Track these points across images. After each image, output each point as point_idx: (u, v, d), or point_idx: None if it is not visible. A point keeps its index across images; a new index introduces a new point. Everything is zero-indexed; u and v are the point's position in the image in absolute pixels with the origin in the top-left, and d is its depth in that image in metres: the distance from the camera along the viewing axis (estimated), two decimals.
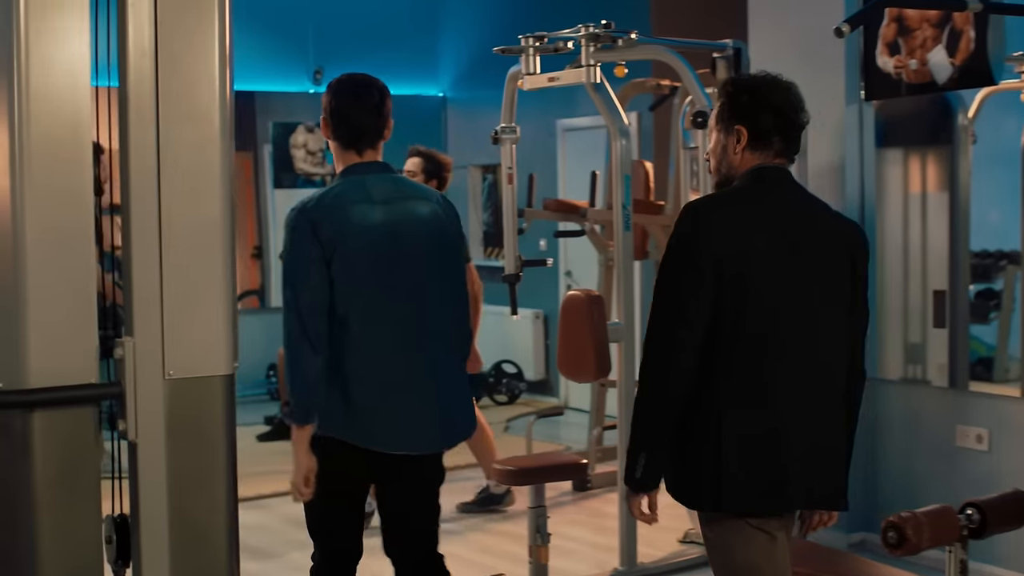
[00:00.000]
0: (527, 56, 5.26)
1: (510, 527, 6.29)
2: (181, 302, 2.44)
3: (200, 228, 2.46)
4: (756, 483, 3.02)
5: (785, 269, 3.05)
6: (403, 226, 3.58)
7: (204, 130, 2.47)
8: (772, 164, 3.13)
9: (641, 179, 7.52)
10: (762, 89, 3.14)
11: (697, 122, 4.89)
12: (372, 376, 3.52)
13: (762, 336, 3.01)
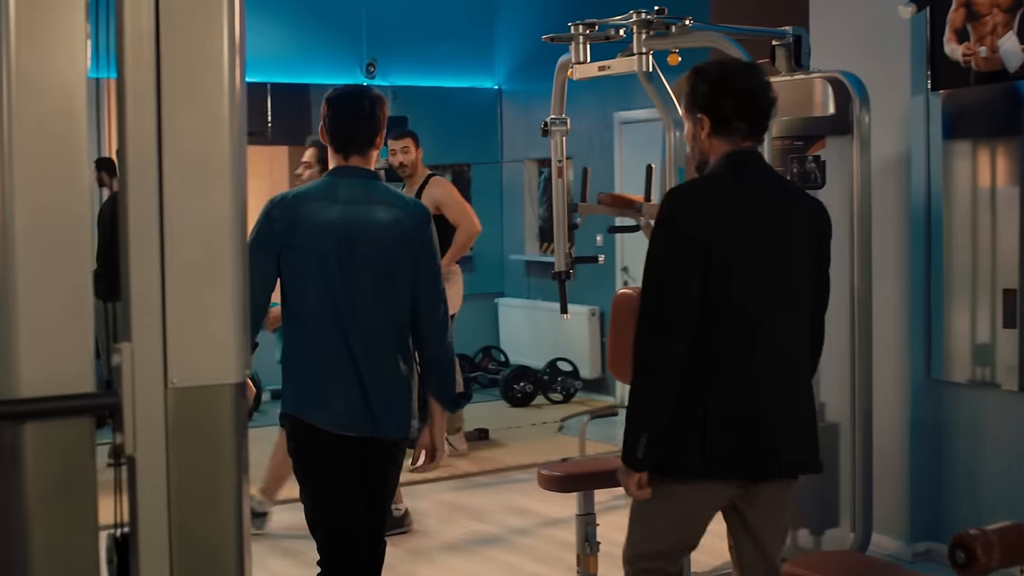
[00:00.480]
0: (577, 44, 5.05)
1: (563, 534, 6.08)
2: (185, 304, 2.26)
3: (207, 222, 2.27)
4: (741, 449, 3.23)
5: (761, 248, 3.25)
6: (358, 227, 3.80)
7: (211, 116, 2.28)
8: (741, 148, 3.29)
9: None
10: (721, 77, 3.30)
11: None
12: (316, 364, 3.83)
13: (745, 313, 3.21)
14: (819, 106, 5.07)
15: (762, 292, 3.25)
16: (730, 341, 3.21)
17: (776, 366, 3.27)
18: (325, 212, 3.80)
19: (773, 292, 3.27)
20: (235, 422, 2.33)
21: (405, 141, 7.45)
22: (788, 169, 5.16)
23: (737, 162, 3.29)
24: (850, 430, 5.04)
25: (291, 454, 3.97)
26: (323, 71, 10.31)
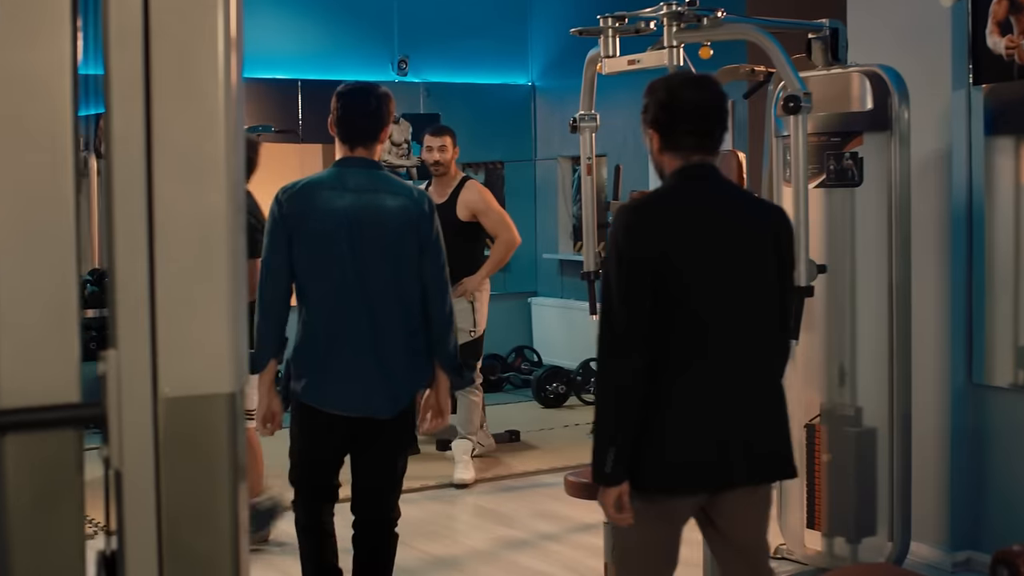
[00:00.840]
0: (606, 38, 4.90)
1: (594, 540, 5.93)
2: (177, 309, 2.13)
3: (200, 222, 2.14)
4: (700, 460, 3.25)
5: (715, 259, 3.28)
6: (366, 213, 4.09)
7: (204, 111, 2.15)
8: (692, 162, 3.31)
9: (733, 170, 7.10)
10: (667, 92, 3.33)
11: (789, 107, 4.50)
12: (325, 346, 4.10)
13: (700, 327, 3.24)
14: (856, 101, 4.94)
15: (718, 304, 3.28)
16: (686, 354, 3.25)
17: (735, 375, 3.29)
18: (335, 200, 4.09)
19: (729, 303, 3.30)
20: (230, 434, 2.20)
21: (443, 139, 7.30)
22: (824, 166, 5.01)
23: (688, 176, 3.33)
24: (888, 435, 4.91)
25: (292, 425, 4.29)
26: (354, 68, 10.21)
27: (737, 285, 3.31)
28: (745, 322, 3.31)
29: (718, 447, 3.25)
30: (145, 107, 2.11)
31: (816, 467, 5.00)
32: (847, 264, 4.97)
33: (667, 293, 3.21)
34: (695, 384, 3.25)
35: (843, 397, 5.00)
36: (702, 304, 3.26)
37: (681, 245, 3.26)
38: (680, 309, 3.23)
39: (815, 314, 4.97)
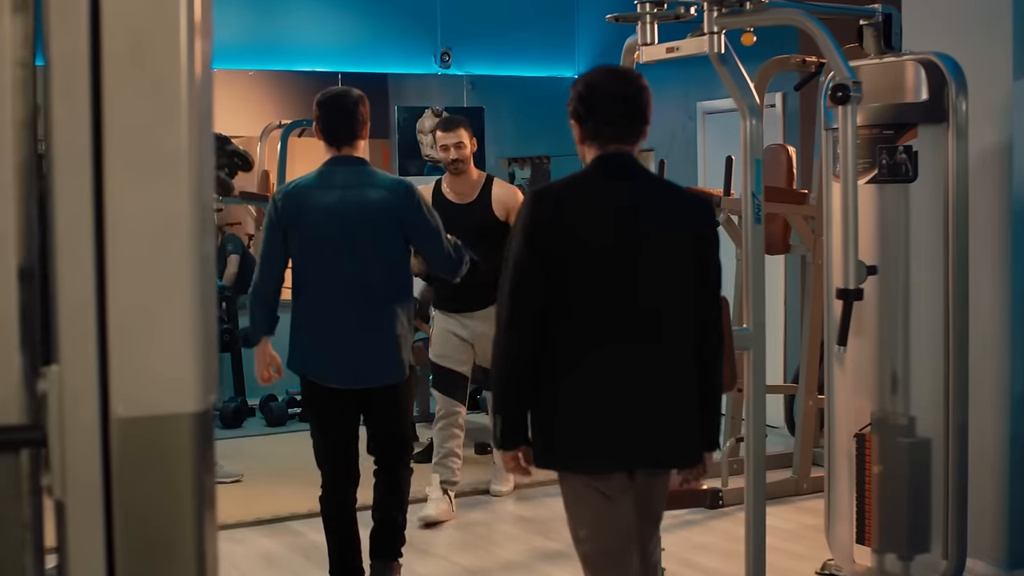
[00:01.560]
0: (644, 24, 4.65)
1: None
2: (132, 319, 1.90)
3: (159, 223, 1.91)
4: (587, 445, 3.38)
5: (620, 249, 3.37)
6: (353, 207, 4.60)
7: (164, 101, 1.93)
8: (608, 152, 3.42)
9: (783, 165, 6.85)
10: (586, 85, 3.45)
11: (837, 97, 4.23)
12: (317, 329, 4.66)
13: (598, 314, 3.34)
14: (911, 92, 4.68)
15: (619, 294, 3.37)
16: (585, 339, 3.35)
17: (633, 363, 3.38)
18: (325, 197, 4.60)
19: (632, 294, 3.38)
20: (195, 459, 1.97)
21: (457, 134, 6.40)
22: (876, 160, 4.74)
23: (602, 165, 3.44)
24: (943, 446, 4.69)
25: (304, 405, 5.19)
26: (396, 60, 10.01)
27: (643, 274, 3.40)
28: (648, 312, 3.40)
29: (608, 433, 3.39)
30: (93, 95, 1.89)
31: (866, 479, 4.78)
32: (900, 265, 4.72)
33: (567, 277, 3.33)
34: (591, 369, 3.37)
35: (895, 406, 4.78)
36: (602, 290, 3.36)
37: (584, 231, 3.37)
38: (579, 294, 3.34)
39: (865, 318, 4.74)
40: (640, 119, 3.46)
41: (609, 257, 3.37)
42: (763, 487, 4.64)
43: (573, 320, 3.35)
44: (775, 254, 7.01)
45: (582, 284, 3.35)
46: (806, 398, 6.71)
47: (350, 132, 4.67)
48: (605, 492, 3.42)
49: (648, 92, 3.51)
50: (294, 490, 6.68)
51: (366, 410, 4.81)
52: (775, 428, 8.05)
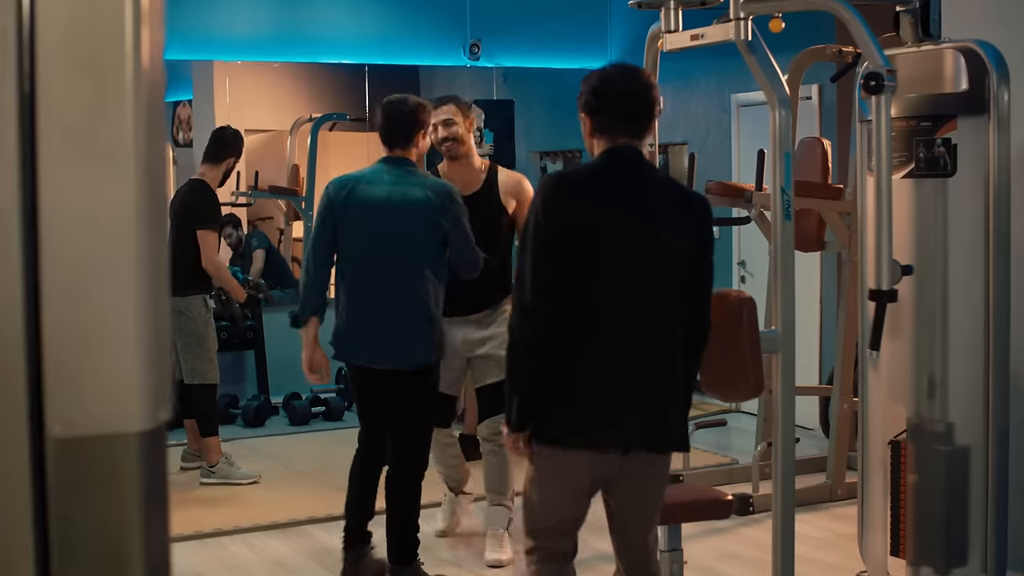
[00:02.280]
0: (667, 10, 4.46)
1: None
2: (69, 327, 1.72)
3: (100, 220, 1.73)
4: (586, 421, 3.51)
5: (627, 237, 3.53)
6: (396, 202, 4.98)
7: (107, 87, 1.74)
8: (618, 144, 3.58)
9: (818, 159, 6.62)
10: (599, 81, 3.62)
11: (870, 86, 4.01)
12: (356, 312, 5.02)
13: (607, 298, 3.50)
14: (950, 81, 4.47)
15: (626, 280, 3.53)
16: (593, 323, 3.50)
17: (636, 349, 3.52)
18: (374, 191, 5.01)
19: (637, 281, 3.53)
20: (143, 481, 1.78)
21: (447, 110, 5.65)
22: (913, 154, 4.52)
23: (612, 156, 3.59)
24: (983, 455, 4.49)
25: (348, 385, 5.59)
26: (424, 52, 9.83)
27: (647, 264, 3.55)
28: (651, 300, 3.54)
29: (614, 411, 3.52)
30: (25, 76, 1.71)
31: (902, 488, 4.58)
32: (938, 264, 4.50)
33: (578, 263, 3.48)
34: (598, 352, 3.50)
35: (932, 412, 4.57)
36: (610, 277, 3.51)
37: (595, 218, 3.51)
38: (589, 280, 3.49)
39: (901, 320, 4.52)
40: (648, 115, 3.64)
41: (620, 244, 3.52)
42: (792, 497, 4.43)
43: (584, 304, 3.49)
44: (809, 251, 6.79)
45: (592, 270, 3.49)
46: (841, 401, 6.50)
47: (401, 136, 5.09)
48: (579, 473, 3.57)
49: (657, 89, 3.69)
50: (313, 493, 6.52)
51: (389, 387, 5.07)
52: (810, 430, 7.83)
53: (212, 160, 7.10)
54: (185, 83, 10.26)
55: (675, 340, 3.59)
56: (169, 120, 10.29)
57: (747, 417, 8.33)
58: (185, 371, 7.04)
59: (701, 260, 3.64)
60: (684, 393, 3.68)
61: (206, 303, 7.01)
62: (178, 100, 10.41)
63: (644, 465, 3.61)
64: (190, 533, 5.98)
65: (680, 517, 4.11)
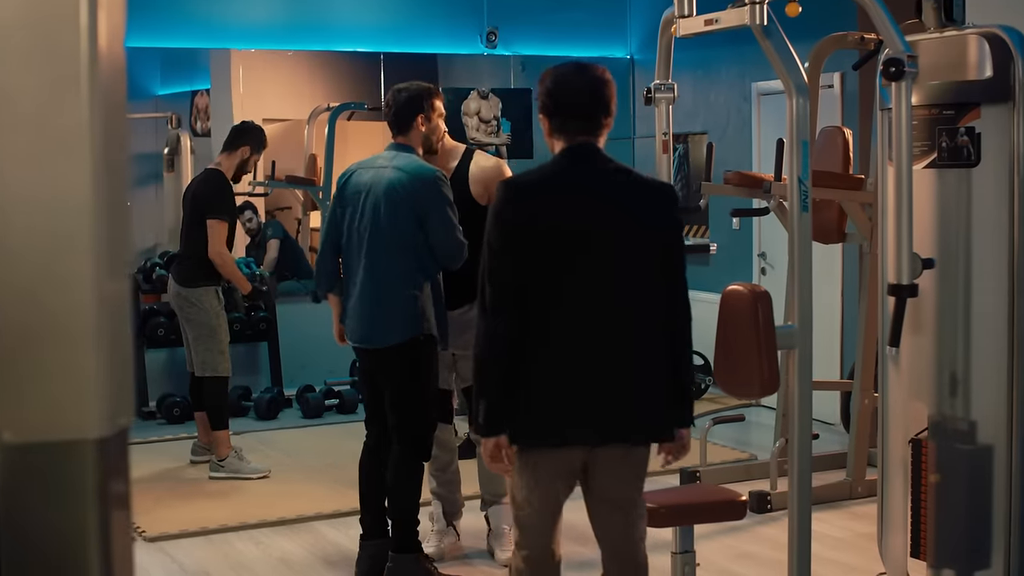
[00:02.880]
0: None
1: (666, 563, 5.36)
2: (18, 329, 1.62)
3: (51, 213, 1.63)
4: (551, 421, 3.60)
5: (586, 235, 3.59)
6: (377, 187, 5.08)
7: (63, 71, 1.63)
8: (576, 143, 3.65)
9: (839, 148, 6.48)
10: (553, 81, 3.69)
11: (890, 72, 3.88)
12: (349, 295, 5.18)
13: (565, 296, 3.57)
14: (973, 68, 4.34)
15: (586, 278, 3.59)
16: (555, 322, 3.57)
17: (601, 344, 3.59)
18: (364, 175, 5.15)
19: (598, 278, 3.60)
20: (100, 489, 1.68)
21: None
22: (935, 143, 4.39)
23: (569, 156, 3.66)
24: (1006, 454, 4.35)
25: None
26: (441, 40, 9.72)
27: (609, 260, 3.60)
28: (614, 295, 3.60)
29: (578, 409, 3.59)
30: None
31: (922, 488, 4.46)
32: (960, 257, 4.37)
33: (536, 266, 3.55)
34: (561, 351, 3.57)
35: (954, 410, 4.45)
36: (570, 276, 3.57)
37: (555, 218, 3.58)
38: (549, 279, 3.56)
39: (922, 315, 4.39)
40: (604, 112, 3.68)
41: (579, 243, 3.58)
42: (808, 496, 4.30)
43: (546, 304, 3.57)
44: (830, 243, 6.66)
45: (551, 270, 3.56)
46: (861, 396, 6.36)
47: (400, 122, 5.21)
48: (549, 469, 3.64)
49: (612, 85, 3.72)
50: (323, 488, 6.42)
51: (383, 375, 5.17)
52: (831, 425, 7.69)
53: (228, 148, 7.03)
54: (203, 72, 10.18)
55: (646, 333, 3.63)
56: (187, 109, 10.21)
57: (767, 411, 8.19)
58: (196, 363, 6.96)
59: (670, 248, 3.69)
60: (665, 383, 3.67)
61: (218, 295, 6.93)
62: (196, 89, 10.33)
63: (612, 458, 3.67)
64: (196, 529, 5.90)
65: (692, 518, 4.00)
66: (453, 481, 5.65)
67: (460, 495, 5.70)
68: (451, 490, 5.64)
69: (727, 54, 8.87)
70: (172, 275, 7.02)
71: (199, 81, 10.23)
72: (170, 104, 10.17)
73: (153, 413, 8.47)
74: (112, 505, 1.68)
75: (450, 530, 5.66)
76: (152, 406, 8.51)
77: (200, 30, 9.13)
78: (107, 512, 1.67)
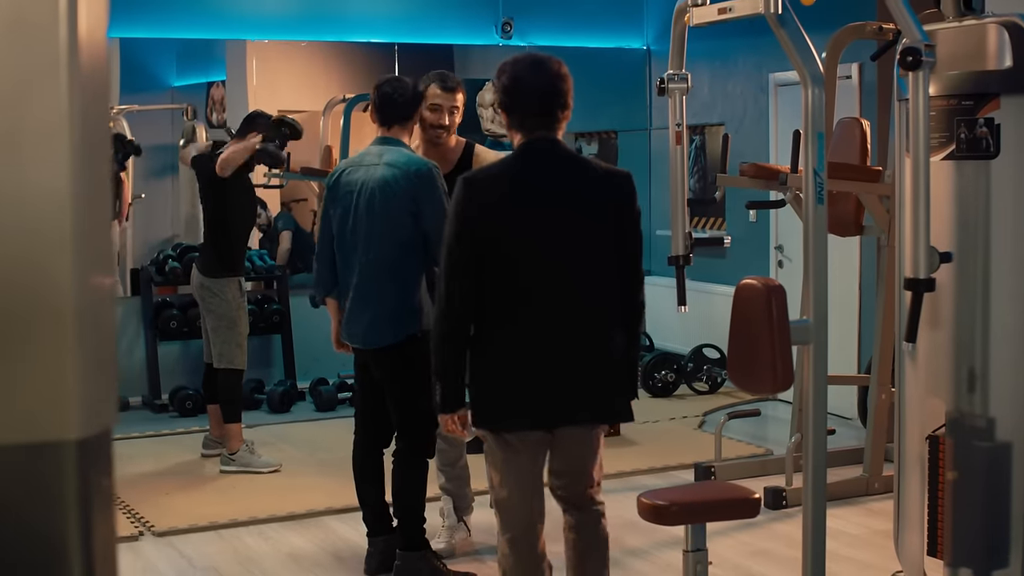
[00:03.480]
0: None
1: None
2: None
3: (31, 208, 1.57)
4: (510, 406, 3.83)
5: (540, 226, 3.77)
6: (369, 183, 5.00)
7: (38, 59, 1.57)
8: (535, 137, 3.81)
9: (857, 140, 6.41)
10: (510, 78, 3.82)
11: (907, 61, 3.80)
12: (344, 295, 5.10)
13: (521, 287, 3.77)
14: (992, 58, 4.23)
15: (540, 268, 3.77)
16: (509, 308, 3.78)
17: (555, 330, 3.78)
18: (355, 172, 5.06)
19: (554, 268, 3.78)
20: (83, 494, 1.62)
21: (456, 97, 5.35)
22: (954, 135, 4.30)
23: (527, 150, 3.82)
24: None
25: None
26: (455, 31, 9.65)
27: (565, 248, 3.79)
28: (569, 282, 3.78)
29: (533, 392, 3.80)
30: None
31: (939, 486, 4.37)
32: (978, 251, 4.28)
33: (494, 254, 3.74)
34: (515, 336, 3.78)
35: (972, 406, 4.34)
36: (525, 265, 3.77)
37: (510, 211, 3.77)
38: (504, 269, 3.75)
39: (939, 310, 4.31)
40: (561, 106, 3.82)
41: (533, 233, 3.76)
42: (823, 494, 4.23)
43: (499, 292, 3.76)
44: (847, 236, 6.59)
45: (508, 260, 3.76)
46: (879, 391, 6.28)
47: (387, 116, 5.09)
48: (518, 448, 3.85)
49: (568, 80, 3.86)
50: (334, 482, 6.36)
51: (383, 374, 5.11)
52: (848, 420, 7.61)
53: (241, 137, 6.98)
54: (219, 63, 10.15)
55: (602, 318, 3.82)
56: (203, 101, 10.18)
57: (783, 405, 8.12)
58: (213, 354, 6.92)
59: (624, 236, 3.85)
60: (609, 366, 3.85)
61: (240, 286, 6.89)
62: (212, 81, 10.29)
63: (570, 436, 3.89)
64: (205, 524, 5.86)
65: (704, 516, 3.93)
66: (462, 476, 5.59)
67: (470, 490, 5.64)
68: (460, 486, 5.58)
69: (744, 44, 8.78)
70: (195, 264, 6.99)
71: (215, 72, 10.19)
72: (186, 95, 10.15)
73: (165, 406, 8.44)
74: (94, 507, 1.63)
75: (460, 525, 5.59)
76: (164, 399, 8.48)
77: (216, 21, 9.08)
78: (89, 514, 1.62)
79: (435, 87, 5.27)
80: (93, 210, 1.61)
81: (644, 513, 4.00)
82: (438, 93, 5.27)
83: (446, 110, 5.28)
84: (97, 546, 1.64)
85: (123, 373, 8.53)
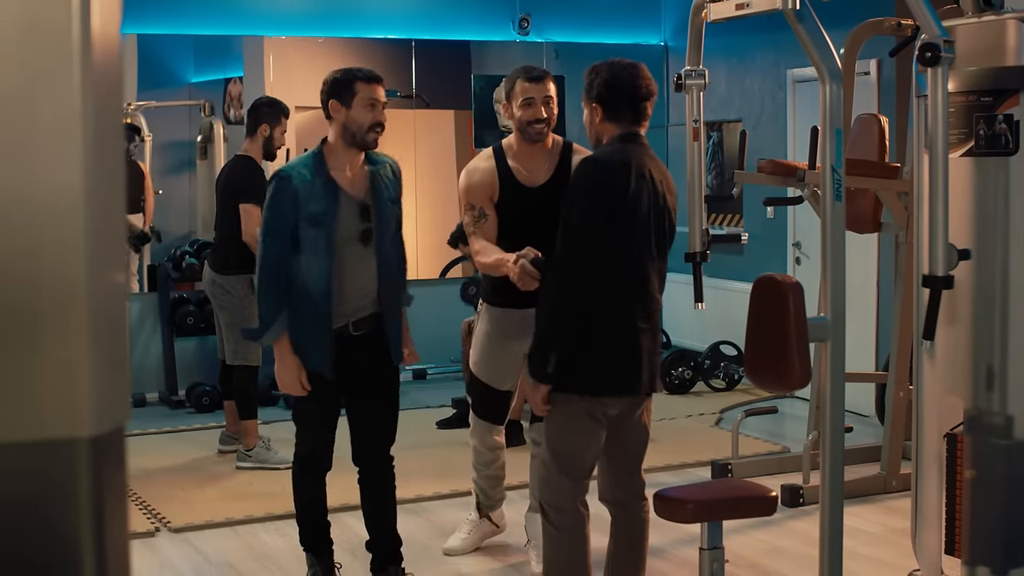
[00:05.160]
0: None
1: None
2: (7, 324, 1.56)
3: (43, 205, 1.57)
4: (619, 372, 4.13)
5: (643, 211, 4.09)
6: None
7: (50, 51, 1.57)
8: (630, 131, 4.20)
9: (875, 136, 6.37)
10: (610, 74, 4.18)
11: (926, 57, 3.78)
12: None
13: (631, 263, 4.10)
14: (1012, 54, 4.23)
15: (643, 247, 4.11)
16: (621, 283, 4.08)
17: (648, 307, 4.16)
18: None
19: (648, 246, 4.13)
20: (96, 491, 1.62)
21: (547, 86, 4.96)
22: (973, 131, 4.27)
23: (626, 141, 4.17)
24: None
25: None
26: (472, 27, 9.64)
27: (652, 231, 4.14)
28: (655, 263, 4.18)
29: (636, 363, 4.12)
30: None
31: (957, 484, 4.35)
32: (998, 248, 4.26)
33: (610, 234, 4.02)
34: (625, 307, 4.09)
35: (991, 404, 4.33)
36: (633, 246, 4.08)
37: (628, 191, 4.04)
38: (618, 248, 4.05)
39: (957, 307, 4.28)
40: (649, 105, 4.24)
41: (640, 215, 4.08)
42: (840, 492, 4.20)
43: (616, 268, 4.07)
44: (865, 232, 6.56)
45: (621, 239, 4.04)
46: (896, 389, 6.25)
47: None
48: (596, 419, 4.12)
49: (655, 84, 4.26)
50: (349, 479, 6.31)
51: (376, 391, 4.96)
52: (865, 417, 7.59)
53: (249, 133, 6.97)
54: (236, 59, 10.15)
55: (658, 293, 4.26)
56: (221, 97, 10.18)
57: (801, 403, 8.09)
58: (227, 351, 6.92)
59: (672, 223, 4.30)
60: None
61: (252, 283, 6.89)
62: (229, 77, 10.29)
63: (635, 406, 4.23)
64: (221, 520, 5.86)
65: (721, 514, 3.92)
66: (495, 476, 5.46)
67: (501, 490, 5.53)
68: (492, 484, 5.47)
69: (762, 40, 8.75)
70: (207, 262, 6.99)
71: (232, 69, 10.20)
72: (203, 92, 10.15)
73: (182, 402, 8.45)
74: (107, 504, 1.63)
75: (483, 522, 5.57)
76: (181, 395, 8.48)
77: (233, 17, 9.09)
78: (102, 511, 1.62)
79: (522, 81, 4.90)
80: (106, 207, 1.60)
81: (661, 510, 3.98)
82: (527, 86, 4.88)
83: (540, 101, 4.88)
84: (110, 543, 1.64)
85: (140, 369, 8.54)
